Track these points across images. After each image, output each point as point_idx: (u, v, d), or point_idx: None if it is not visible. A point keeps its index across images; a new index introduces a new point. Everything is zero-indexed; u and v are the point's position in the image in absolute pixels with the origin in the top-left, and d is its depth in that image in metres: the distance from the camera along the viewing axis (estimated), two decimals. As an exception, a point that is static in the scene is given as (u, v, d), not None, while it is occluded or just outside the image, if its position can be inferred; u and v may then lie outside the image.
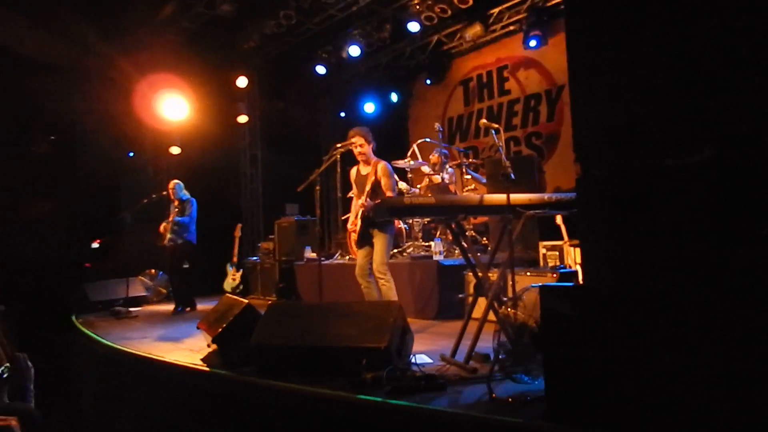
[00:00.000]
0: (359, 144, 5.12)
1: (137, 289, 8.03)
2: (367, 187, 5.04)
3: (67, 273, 9.03)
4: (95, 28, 8.99)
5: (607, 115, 2.55)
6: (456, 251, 6.26)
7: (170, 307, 7.71)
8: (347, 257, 7.40)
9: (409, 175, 7.15)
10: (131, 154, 10.06)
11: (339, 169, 6.19)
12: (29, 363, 2.72)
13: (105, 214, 9.59)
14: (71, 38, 8.70)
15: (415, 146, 7.23)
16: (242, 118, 10.40)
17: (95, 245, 10.32)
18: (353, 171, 5.40)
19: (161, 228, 7.50)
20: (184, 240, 7.37)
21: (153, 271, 8.71)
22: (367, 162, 5.20)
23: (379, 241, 4.95)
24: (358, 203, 5.17)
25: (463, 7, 8.36)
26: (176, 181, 7.64)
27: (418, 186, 7.13)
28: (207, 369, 3.92)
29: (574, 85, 2.78)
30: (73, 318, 7.01)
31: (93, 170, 9.78)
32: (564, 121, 8.69)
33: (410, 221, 6.79)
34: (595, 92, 2.66)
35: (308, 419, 3.22)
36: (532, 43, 8.50)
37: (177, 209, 7.41)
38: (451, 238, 6.34)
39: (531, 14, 8.47)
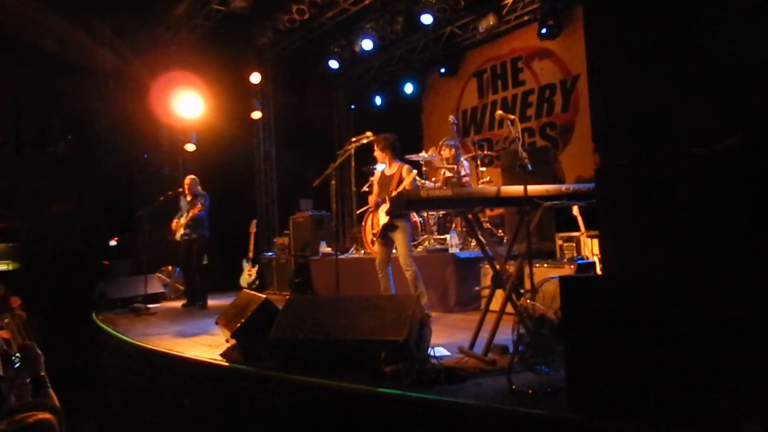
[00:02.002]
0: (381, 151, 5.48)
1: (155, 286, 8.10)
2: (393, 187, 5.36)
3: (87, 271, 9.15)
4: (111, 28, 9.07)
5: (631, 104, 2.51)
6: (472, 244, 6.24)
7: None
8: (362, 251, 7.41)
9: (424, 169, 7.13)
10: (145, 156, 10.15)
11: (353, 164, 6.22)
12: (39, 351, 2.76)
13: (122, 212, 9.70)
14: (89, 38, 8.78)
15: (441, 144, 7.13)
16: (256, 114, 10.43)
17: (113, 243, 10.45)
18: (377, 173, 5.79)
19: (173, 224, 7.54)
20: (200, 235, 7.40)
21: (170, 267, 8.79)
22: (391, 165, 5.52)
23: (400, 235, 5.27)
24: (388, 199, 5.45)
25: (476, -2, 8.31)
26: (193, 176, 7.67)
27: (433, 179, 7.11)
28: (227, 364, 3.95)
29: (593, 74, 2.74)
30: (94, 315, 7.10)
31: (110, 169, 9.90)
32: (579, 111, 8.60)
33: (425, 215, 6.79)
34: (616, 81, 2.62)
35: (328, 412, 3.24)
36: (547, 33, 8.41)
37: (190, 204, 7.43)
38: (466, 230, 6.32)
39: (545, 4, 8.38)
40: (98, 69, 9.72)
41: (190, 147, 9.67)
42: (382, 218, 5.45)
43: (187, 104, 9.26)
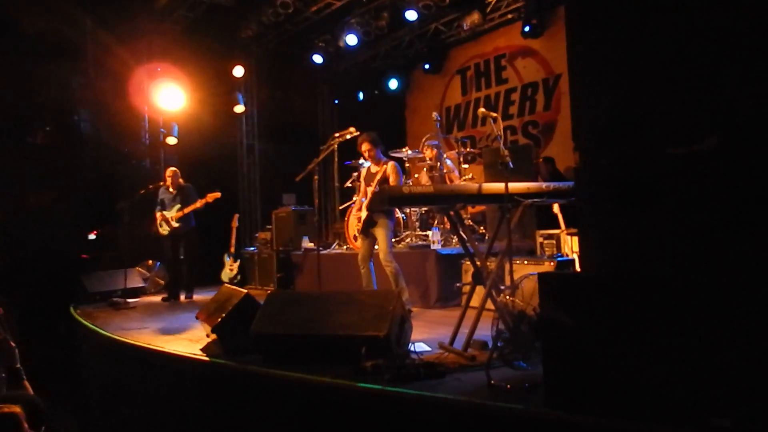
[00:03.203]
0: (367, 149, 5.49)
1: (135, 280, 8.02)
2: (375, 180, 5.42)
3: (65, 264, 9.01)
4: (93, 16, 8.93)
5: (611, 103, 2.55)
6: (453, 240, 6.27)
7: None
8: (345, 247, 7.41)
9: (407, 165, 7.15)
10: (126, 150, 10.02)
11: (336, 159, 6.22)
12: (12, 343, 2.72)
13: (102, 205, 9.57)
14: (69, 26, 8.63)
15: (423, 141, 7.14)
16: (239, 108, 10.36)
17: (92, 236, 10.30)
18: (363, 170, 5.86)
19: (158, 217, 7.44)
20: (190, 228, 7.38)
21: (150, 262, 8.70)
22: (377, 163, 5.56)
23: (381, 231, 5.32)
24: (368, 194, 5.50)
25: (460, -5, 8.33)
26: (175, 169, 7.61)
27: (416, 175, 7.14)
28: (207, 359, 3.94)
29: (575, 74, 2.78)
30: (72, 309, 7.01)
31: (90, 161, 9.75)
32: (561, 110, 8.69)
33: (408, 211, 6.81)
34: (597, 81, 2.66)
35: (309, 407, 3.25)
36: (530, 31, 8.47)
37: (177, 197, 7.36)
38: (448, 227, 6.36)
39: (529, 3, 8.43)
40: (78, 58, 9.55)
41: (172, 140, 9.56)
42: (363, 213, 5.49)
43: (169, 96, 9.17)
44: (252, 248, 9.08)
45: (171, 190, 7.48)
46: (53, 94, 9.58)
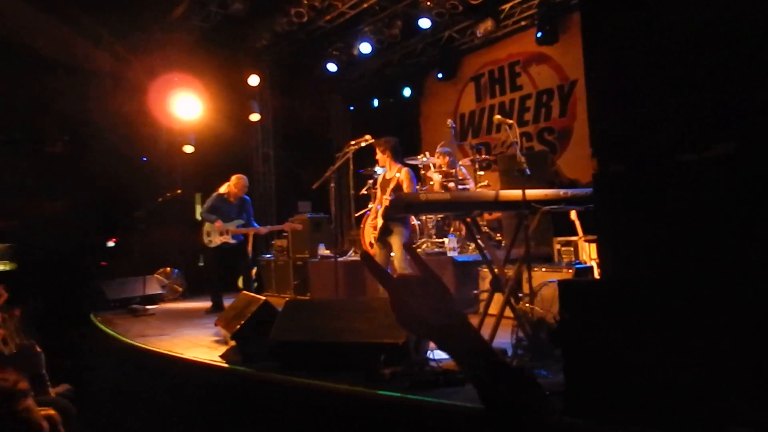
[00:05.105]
0: (380, 156, 5.55)
1: (153, 287, 8.10)
2: (389, 187, 5.42)
3: (84, 271, 9.14)
4: (109, 28, 9.07)
5: (625, 110, 2.55)
6: (470, 247, 6.27)
7: (187, 305, 7.82)
8: (361, 253, 7.43)
9: (422, 172, 7.16)
10: (145, 159, 10.14)
11: (352, 167, 6.25)
12: (38, 348, 2.77)
13: (120, 212, 9.69)
14: (85, 37, 8.77)
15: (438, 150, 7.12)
16: (254, 117, 10.45)
17: (111, 244, 10.44)
18: (379, 177, 5.87)
19: (218, 226, 6.83)
20: (241, 241, 7.01)
21: (168, 269, 8.80)
22: (391, 169, 5.56)
23: (397, 239, 5.32)
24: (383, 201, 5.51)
25: (474, 3, 8.35)
26: (243, 177, 7.06)
27: (431, 183, 7.15)
28: (226, 365, 3.97)
29: (591, 80, 2.78)
30: (92, 316, 7.09)
31: (107, 169, 9.88)
32: (577, 116, 8.66)
33: (423, 218, 6.82)
34: (611, 87, 2.66)
35: (327, 415, 3.26)
36: (544, 38, 8.47)
37: (239, 211, 6.95)
38: (464, 234, 6.36)
39: (543, 9, 8.44)
40: (95, 69, 9.72)
41: (189, 149, 9.68)
42: (379, 221, 5.51)
43: (186, 106, 9.28)
44: (268, 255, 9.13)
45: (231, 200, 7.00)
46: (71, 105, 9.74)
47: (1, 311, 7.72)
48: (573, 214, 5.44)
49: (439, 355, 3.73)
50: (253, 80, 10.18)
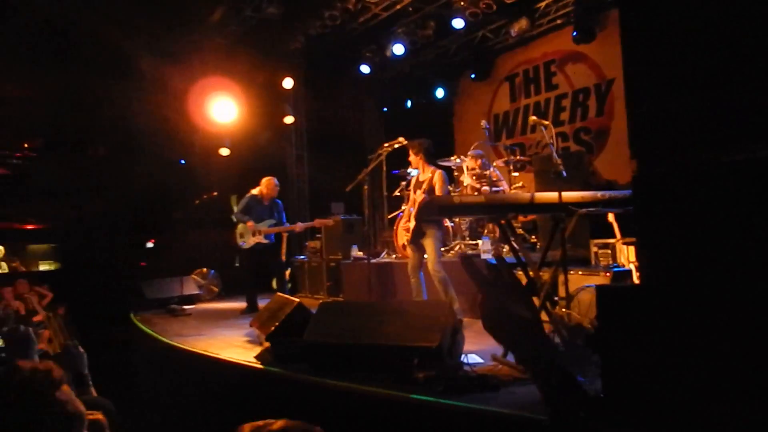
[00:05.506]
0: (413, 157, 5.54)
1: (191, 288, 8.26)
2: (422, 189, 5.41)
3: (124, 272, 9.39)
4: (149, 34, 9.30)
5: (666, 108, 2.47)
6: (504, 249, 6.18)
7: (222, 305, 7.94)
8: (394, 255, 7.42)
9: (456, 173, 7.11)
10: (182, 162, 10.36)
11: (385, 168, 6.24)
12: (81, 349, 2.83)
13: (158, 214, 9.92)
14: (127, 44, 9.01)
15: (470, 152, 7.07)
16: (288, 119, 10.54)
17: (150, 244, 10.70)
18: (412, 179, 5.85)
19: (250, 226, 6.93)
20: (273, 242, 7.13)
21: (205, 269, 8.95)
22: (424, 170, 5.53)
23: (430, 241, 5.29)
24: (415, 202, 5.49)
25: (508, 1, 8.24)
26: (274, 179, 7.18)
27: (465, 184, 7.08)
28: (261, 366, 4.01)
29: (629, 77, 2.70)
30: (132, 315, 7.27)
31: (147, 172, 10.14)
32: (614, 115, 8.47)
33: (456, 220, 6.77)
34: (652, 84, 2.58)
35: (360, 417, 3.26)
36: (581, 36, 8.30)
37: (272, 212, 7.05)
38: (498, 236, 6.28)
39: (579, 7, 8.27)
40: (136, 75, 9.97)
41: (225, 151, 9.83)
42: (412, 223, 5.49)
43: (222, 109, 9.42)
44: (302, 257, 9.20)
45: (265, 202, 7.12)
46: (113, 110, 10.02)
47: (46, 310, 8.02)
48: (611, 216, 5.32)
49: (472, 359, 3.69)
50: (287, 83, 10.27)
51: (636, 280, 4.74)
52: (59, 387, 1.14)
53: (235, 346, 4.82)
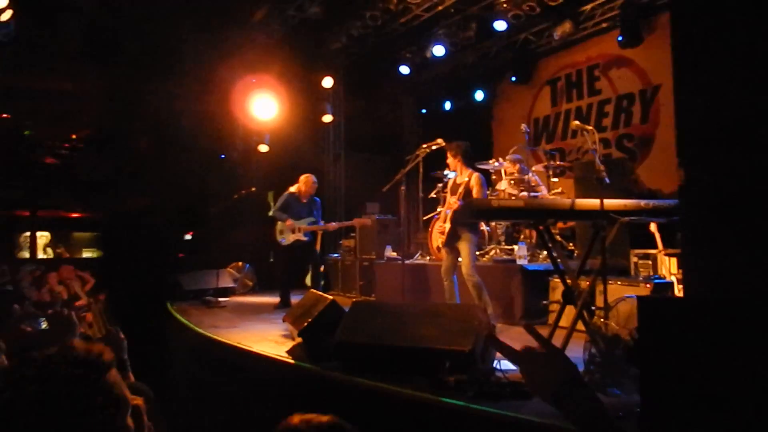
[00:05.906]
0: (451, 160, 5.54)
1: (226, 281, 8.39)
2: (458, 192, 5.37)
3: (163, 262, 9.60)
4: (194, 32, 9.49)
5: (720, 116, 2.39)
6: (541, 256, 6.09)
7: (256, 299, 8.03)
8: (428, 257, 7.39)
9: (494, 177, 7.03)
10: (222, 156, 10.54)
11: (422, 170, 6.22)
12: (122, 335, 2.90)
13: (198, 208, 10.12)
14: (173, 42, 9.21)
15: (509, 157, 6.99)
16: (327, 118, 10.61)
17: (188, 237, 10.92)
18: (449, 181, 5.88)
19: (289, 224, 7.00)
20: (309, 239, 7.17)
21: (240, 263, 9.09)
22: (461, 173, 5.50)
23: (465, 244, 5.25)
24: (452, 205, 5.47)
25: (552, 4, 8.11)
26: (312, 177, 7.23)
27: (504, 189, 7.00)
28: (292, 361, 4.04)
29: (679, 82, 2.62)
30: (169, 305, 7.43)
31: (187, 166, 10.35)
32: (660, 122, 8.24)
33: (493, 224, 6.69)
34: (702, 90, 2.50)
35: (389, 419, 3.25)
36: (627, 40, 8.11)
37: (310, 209, 7.12)
38: (535, 241, 6.18)
39: (626, 11, 8.08)
40: (180, 71, 10.19)
41: (264, 148, 9.96)
42: (447, 226, 5.44)
43: (263, 106, 9.53)
44: (336, 255, 9.25)
45: (303, 200, 7.16)
46: (158, 105, 10.26)
47: (88, 296, 8.27)
48: (653, 226, 5.19)
49: (505, 365, 3.64)
50: (327, 82, 10.34)
51: (678, 293, 4.60)
52: (109, 370, 1.16)
53: (268, 340, 4.87)
